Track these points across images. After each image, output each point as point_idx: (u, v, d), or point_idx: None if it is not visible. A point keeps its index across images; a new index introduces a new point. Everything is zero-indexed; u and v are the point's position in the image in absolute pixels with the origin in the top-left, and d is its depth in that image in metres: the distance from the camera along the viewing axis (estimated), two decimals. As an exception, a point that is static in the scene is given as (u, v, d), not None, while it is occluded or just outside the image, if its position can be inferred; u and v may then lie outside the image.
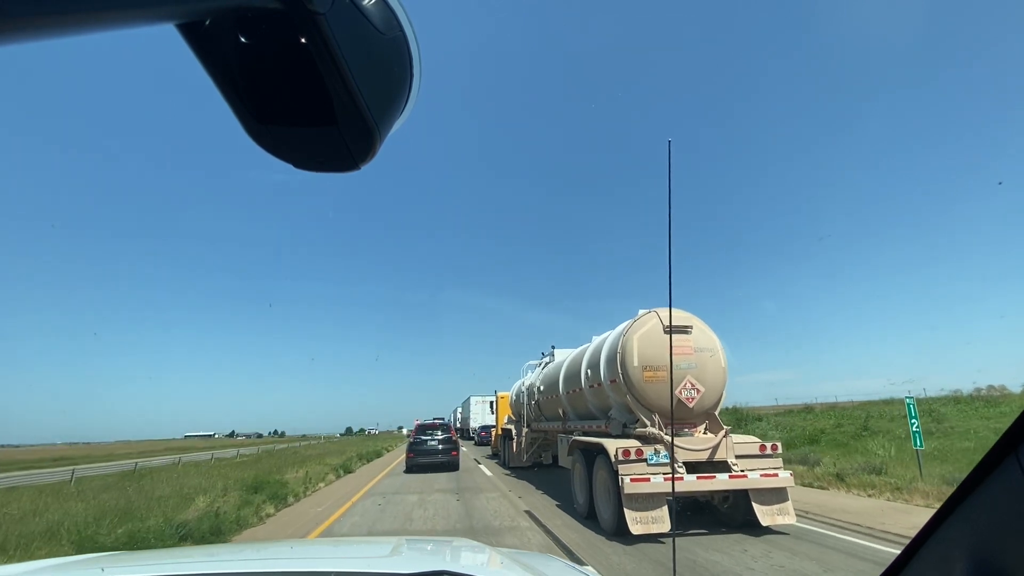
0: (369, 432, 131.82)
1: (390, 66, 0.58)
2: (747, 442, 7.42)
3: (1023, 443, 0.70)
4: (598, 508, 7.80)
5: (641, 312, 8.56)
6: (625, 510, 6.70)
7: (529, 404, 14.71)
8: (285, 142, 0.60)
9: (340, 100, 0.54)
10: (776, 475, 7.03)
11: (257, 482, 12.44)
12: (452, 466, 17.21)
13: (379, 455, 28.03)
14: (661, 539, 6.76)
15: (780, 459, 7.33)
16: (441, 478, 14.89)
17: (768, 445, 7.33)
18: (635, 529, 6.58)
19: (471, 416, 41.86)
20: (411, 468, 17.46)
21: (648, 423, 7.59)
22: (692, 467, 7.14)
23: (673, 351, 7.68)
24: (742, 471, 7.06)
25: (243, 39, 0.51)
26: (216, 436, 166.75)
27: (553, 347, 14.55)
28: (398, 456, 25.24)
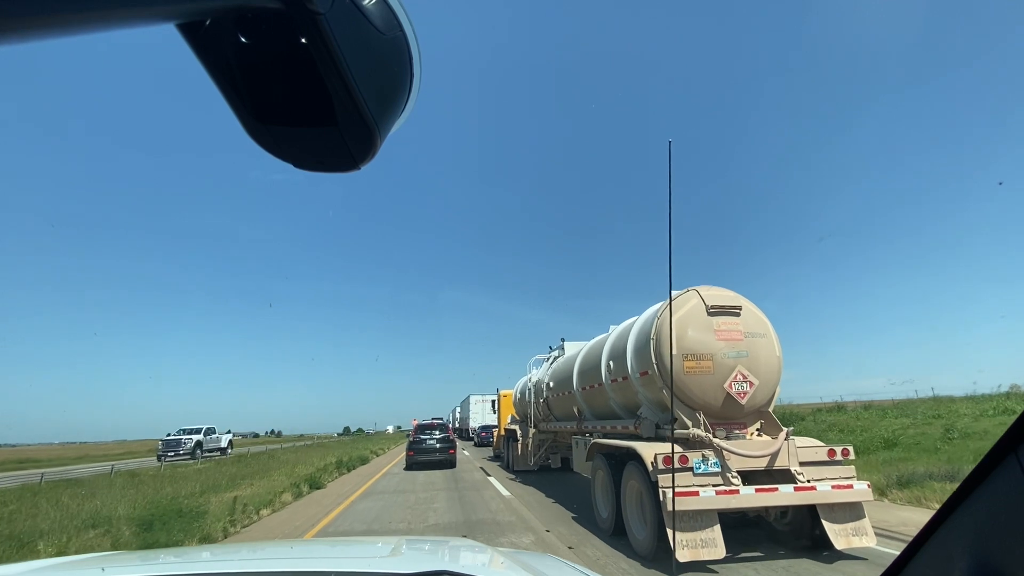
0: (373, 432, 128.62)
1: (390, 66, 0.58)
2: (811, 446, 6.13)
3: (1023, 443, 0.69)
4: (629, 525, 6.50)
5: (676, 293, 7.24)
6: (668, 531, 5.40)
7: (536, 403, 13.40)
8: (285, 142, 0.60)
9: (340, 100, 0.54)
10: (850, 486, 5.73)
11: (165, 511, 8.18)
12: (449, 464, 18.42)
13: (365, 461, 22.94)
14: (712, 567, 5.46)
15: (852, 466, 6.04)
16: (440, 498, 11.00)
17: (838, 449, 6.03)
18: (682, 555, 5.28)
19: (471, 416, 40.66)
20: (411, 466, 18.77)
21: (689, 423, 6.29)
22: (747, 477, 5.84)
23: (719, 336, 6.39)
24: (809, 482, 5.76)
25: (243, 39, 0.52)
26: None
27: (563, 340, 13.26)
28: (388, 462, 22.68)
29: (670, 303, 6.73)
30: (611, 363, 8.07)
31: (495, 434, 23.01)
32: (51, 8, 0.34)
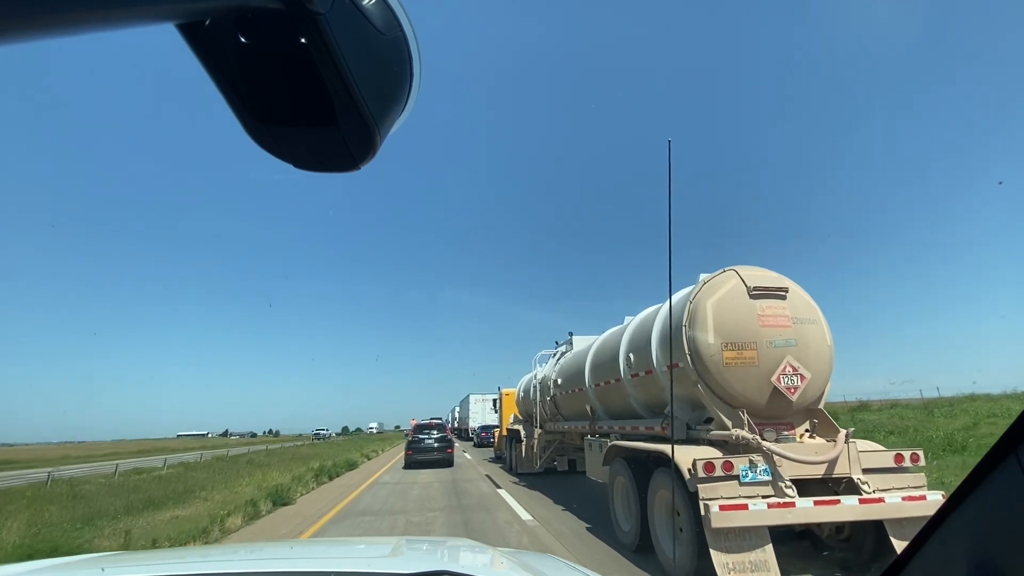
0: (371, 431, 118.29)
1: (390, 66, 0.58)
2: (875, 450, 5.25)
3: (1023, 443, 0.69)
4: (658, 542, 5.62)
5: (704, 276, 6.39)
6: (712, 552, 4.53)
7: (542, 401, 12.51)
8: (285, 142, 0.60)
9: (340, 100, 0.54)
10: (923, 498, 4.85)
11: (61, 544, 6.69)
12: (447, 462, 18.76)
13: (353, 466, 19.91)
14: (765, 595, 4.57)
15: (922, 474, 5.16)
16: (438, 524, 8.35)
17: (906, 454, 5.15)
18: (730, 582, 4.40)
19: (470, 415, 39.79)
20: (410, 464, 18.95)
21: (729, 423, 5.41)
22: (801, 486, 4.95)
23: (764, 322, 5.50)
24: (875, 492, 4.89)
25: (243, 39, 0.51)
26: (209, 435, 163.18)
27: (571, 334, 12.39)
28: (379, 467, 19.80)
29: (703, 284, 5.86)
30: (631, 356, 7.19)
31: (496, 434, 22.14)
32: (51, 8, 0.34)
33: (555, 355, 12.77)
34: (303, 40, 0.49)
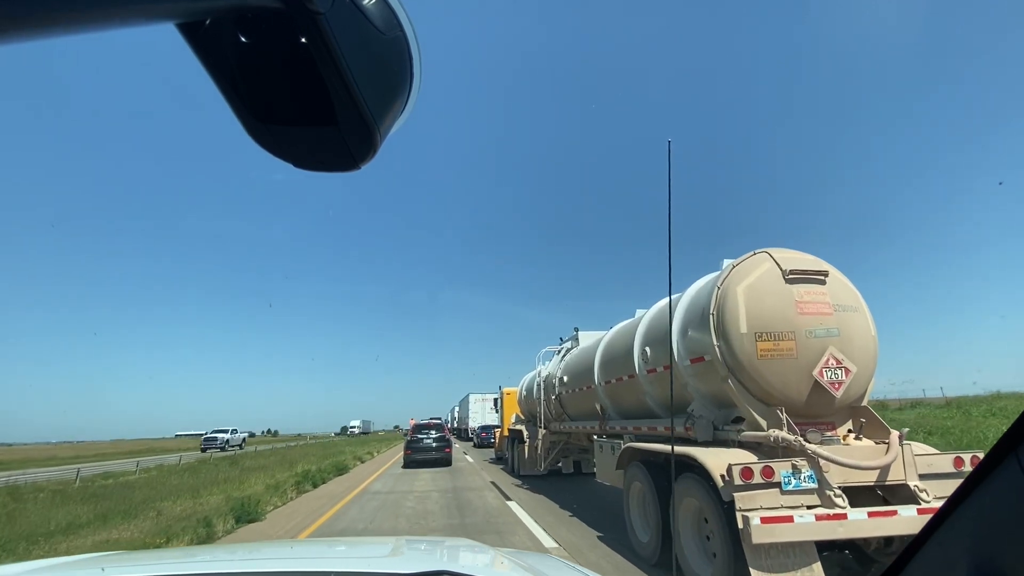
0: (352, 431, 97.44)
1: (390, 66, 0.58)
2: (931, 453, 4.65)
3: (1023, 443, 0.69)
4: (685, 558, 5.01)
5: (727, 262, 5.81)
6: (752, 572, 3.93)
7: (547, 400, 11.92)
8: (285, 142, 0.60)
9: (340, 100, 0.54)
10: (989, 508, 4.25)
11: None
12: (445, 462, 18.79)
13: (343, 471, 18.02)
14: (813, 621, 3.97)
15: (985, 480, 4.56)
16: (438, 525, 8.18)
17: (966, 458, 4.56)
18: (774, 606, 3.81)
19: (470, 415, 39.19)
20: (408, 464, 19.01)
21: (764, 422, 4.81)
22: (852, 494, 4.35)
23: (802, 310, 4.91)
24: (933, 501, 4.29)
25: (243, 39, 0.51)
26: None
27: (576, 329, 11.80)
28: (371, 472, 17.76)
29: (733, 267, 5.26)
30: (647, 350, 6.59)
31: (497, 434, 21.54)
32: (51, 8, 0.34)
33: (560, 352, 12.18)
34: (303, 40, 0.49)
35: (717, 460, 4.51)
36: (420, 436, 19.46)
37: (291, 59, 0.51)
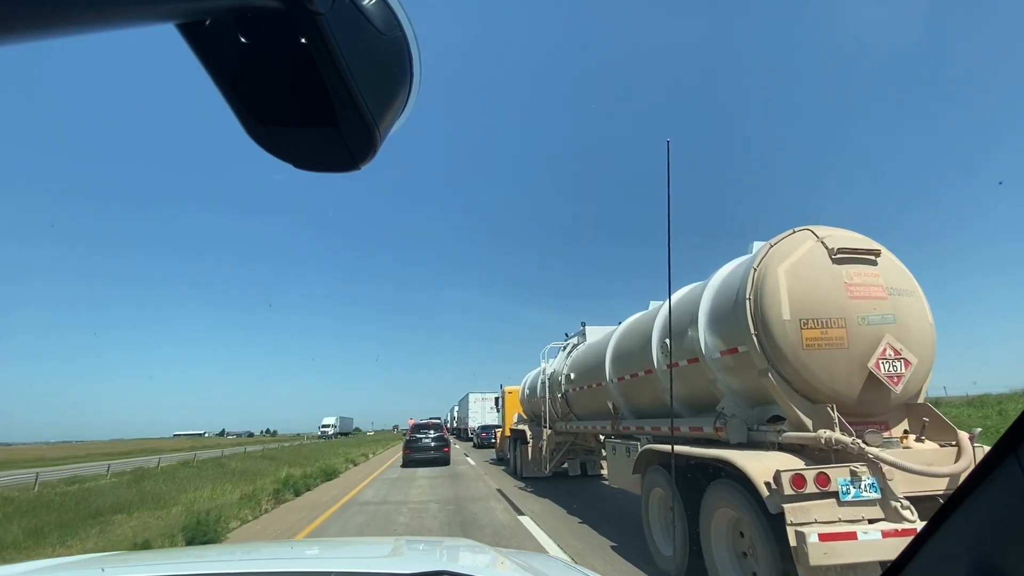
0: (323, 431, 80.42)
1: (390, 66, 0.58)
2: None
3: (1023, 443, 0.68)
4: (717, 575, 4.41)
5: (756, 244, 5.21)
6: (809, 598, 3.32)
7: (552, 399, 11.31)
8: (285, 142, 0.60)
9: (340, 100, 0.53)
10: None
11: None
12: (443, 461, 18.75)
13: (331, 476, 16.38)
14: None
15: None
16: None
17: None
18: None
19: (470, 415, 38.56)
20: (407, 463, 18.96)
21: (809, 421, 4.21)
22: (919, 505, 3.74)
23: (853, 293, 4.31)
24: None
25: (243, 39, 0.51)
26: (206, 435, 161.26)
27: (583, 324, 11.20)
28: (363, 478, 16.00)
29: (770, 247, 4.67)
30: (667, 342, 5.94)
31: (497, 435, 20.95)
32: (51, 8, 0.34)
33: (566, 348, 11.57)
34: (303, 40, 0.49)
35: (760, 465, 3.91)
36: (419, 436, 19.46)
37: (291, 59, 0.51)
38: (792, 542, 3.45)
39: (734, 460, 4.10)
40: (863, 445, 3.73)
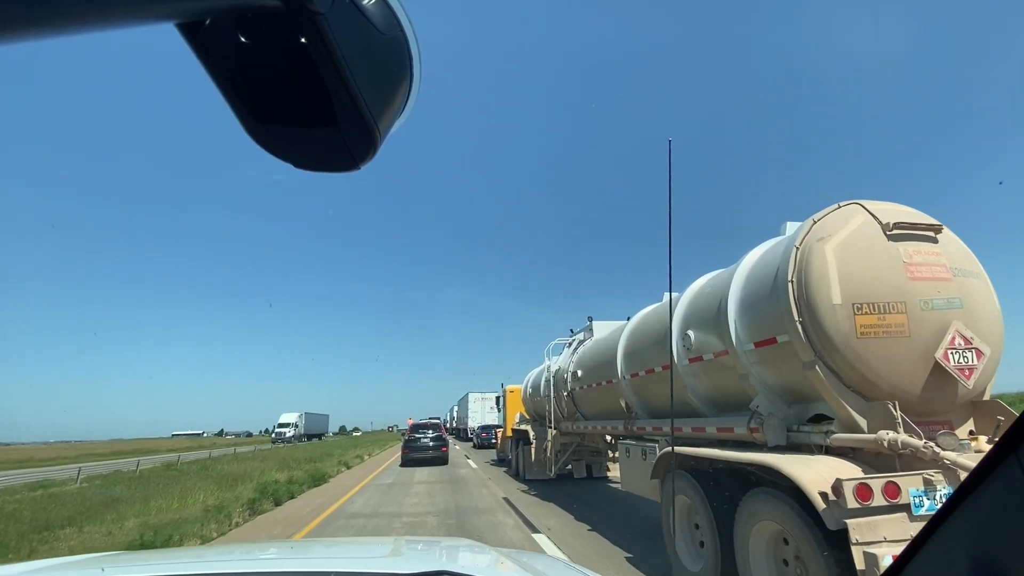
0: (278, 434, 59.61)
1: (390, 66, 0.58)
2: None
3: (1023, 443, 0.68)
4: (757, 597, 3.85)
5: (795, 223, 4.68)
6: (882, 634, 2.77)
7: (557, 397, 10.75)
8: (285, 142, 0.59)
9: (340, 100, 0.53)
10: None
11: None
12: (441, 460, 18.98)
13: (319, 481, 14.92)
14: None
15: None
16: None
17: None
18: None
19: (469, 415, 38.06)
20: (406, 462, 19.15)
21: (863, 421, 3.66)
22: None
23: (913, 274, 3.77)
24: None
25: (243, 39, 0.51)
26: (205, 435, 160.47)
27: (591, 319, 10.65)
28: (355, 483, 14.80)
29: (814, 223, 4.13)
30: (690, 334, 5.41)
31: (498, 435, 20.39)
32: (51, 8, 0.34)
33: (571, 344, 11.01)
34: (303, 40, 0.48)
35: (811, 472, 3.36)
36: (417, 436, 19.66)
37: (291, 59, 0.50)
38: (859, 564, 2.89)
39: (779, 466, 3.55)
40: (937, 449, 3.17)
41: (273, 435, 59.89)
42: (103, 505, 10.29)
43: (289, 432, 60.65)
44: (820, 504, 3.15)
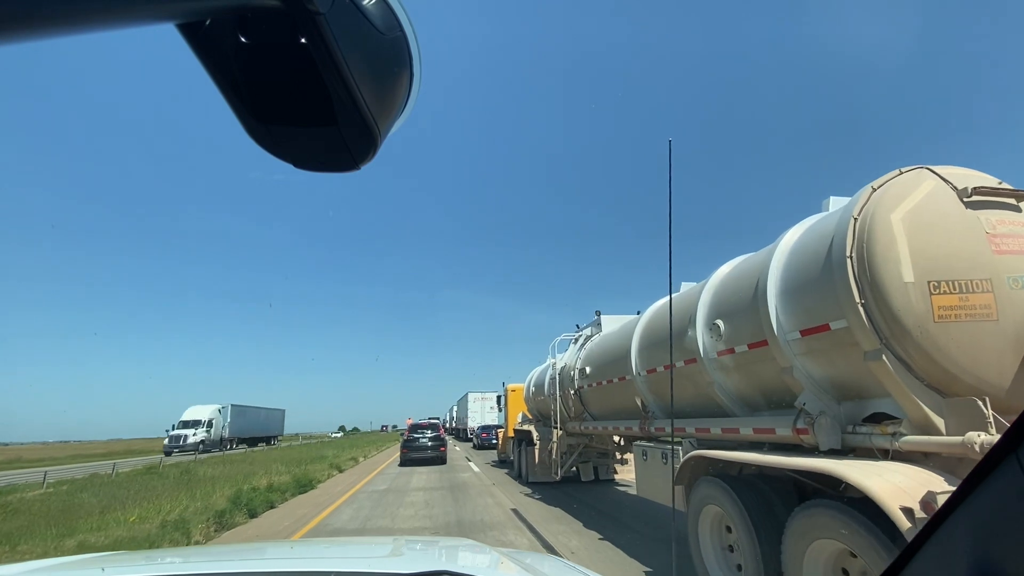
0: (171, 442, 37.48)
1: (390, 66, 0.58)
2: None
3: (1023, 443, 0.67)
4: (813, 628, 3.27)
5: (839, 199, 4.13)
6: None
7: (563, 396, 10.19)
8: (285, 142, 0.60)
9: (340, 100, 0.53)
10: None
11: None
12: (440, 460, 19.11)
13: (307, 487, 13.87)
14: None
15: None
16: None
17: None
18: None
19: (469, 414, 37.54)
20: (405, 462, 19.28)
21: (939, 421, 3.09)
22: None
23: (999, 247, 3.20)
24: None
25: (243, 39, 0.51)
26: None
27: (599, 313, 10.09)
28: (348, 487, 14.05)
29: (873, 191, 3.56)
30: (720, 323, 4.84)
31: (499, 435, 19.82)
32: (51, 8, 0.34)
33: (578, 340, 10.44)
34: (303, 40, 0.48)
35: (884, 483, 2.79)
36: (416, 436, 19.70)
37: (291, 59, 0.50)
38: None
39: (844, 474, 2.97)
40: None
41: (166, 441, 38.51)
42: (56, 516, 9.14)
43: (193, 437, 38.52)
44: (904, 523, 2.57)
